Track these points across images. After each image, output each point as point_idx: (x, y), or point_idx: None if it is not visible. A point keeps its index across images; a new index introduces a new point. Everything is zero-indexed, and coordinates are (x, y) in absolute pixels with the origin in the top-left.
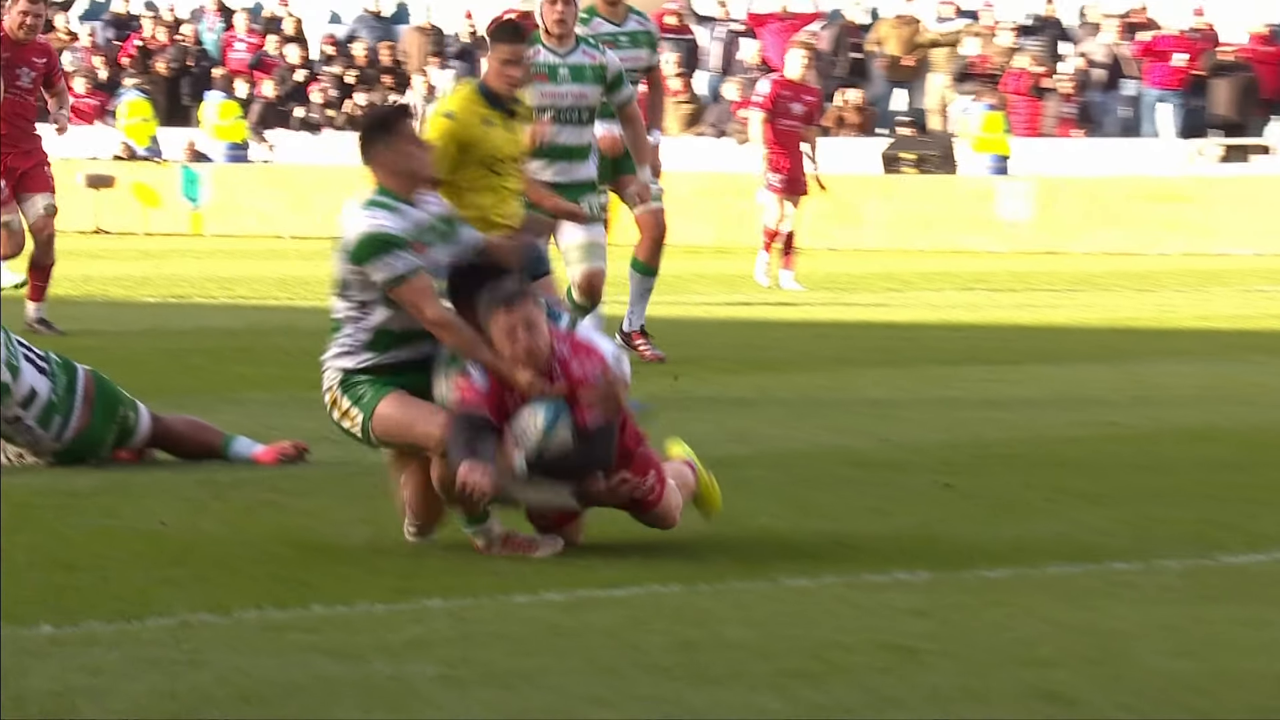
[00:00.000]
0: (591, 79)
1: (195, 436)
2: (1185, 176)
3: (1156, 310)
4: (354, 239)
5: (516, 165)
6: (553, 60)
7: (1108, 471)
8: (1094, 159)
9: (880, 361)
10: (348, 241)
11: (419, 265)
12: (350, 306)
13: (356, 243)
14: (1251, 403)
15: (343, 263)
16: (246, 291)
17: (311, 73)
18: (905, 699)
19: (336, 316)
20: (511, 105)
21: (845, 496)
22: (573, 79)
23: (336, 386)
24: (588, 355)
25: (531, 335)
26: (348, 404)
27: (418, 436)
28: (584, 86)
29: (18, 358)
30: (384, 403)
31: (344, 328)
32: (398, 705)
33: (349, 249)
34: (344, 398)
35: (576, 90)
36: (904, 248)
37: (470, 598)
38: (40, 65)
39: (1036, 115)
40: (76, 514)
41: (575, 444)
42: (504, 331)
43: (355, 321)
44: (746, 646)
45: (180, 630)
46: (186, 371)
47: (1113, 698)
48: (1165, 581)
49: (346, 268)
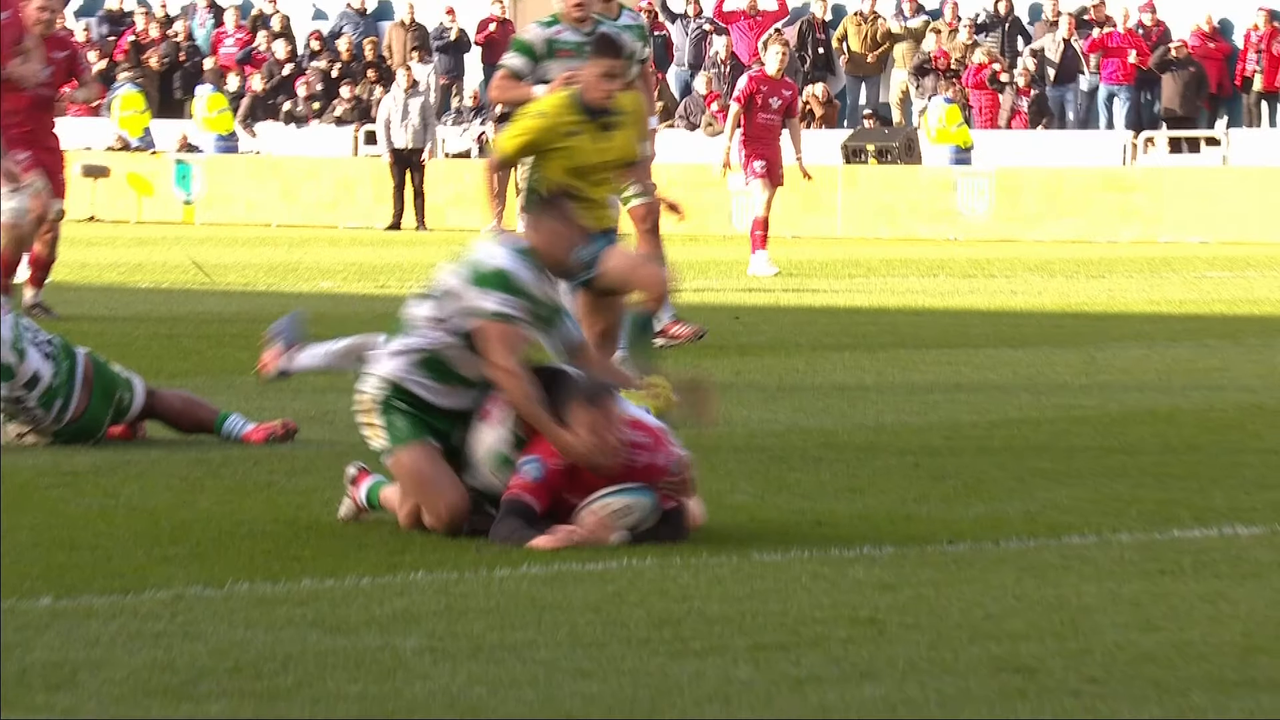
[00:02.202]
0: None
1: (189, 412)
2: (1136, 167)
3: (1109, 296)
4: (485, 265)
5: (606, 174)
6: (577, 39)
7: (1072, 452)
8: (1049, 150)
9: (848, 345)
10: (476, 263)
11: (523, 319)
12: (429, 318)
13: (487, 269)
14: (1205, 385)
15: (458, 278)
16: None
17: (298, 67)
18: (876, 670)
19: (410, 319)
20: (606, 116)
21: (818, 476)
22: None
23: (378, 402)
24: (658, 445)
25: (611, 432)
26: (379, 423)
27: (427, 498)
28: None
29: (24, 341)
30: (416, 450)
31: (410, 335)
32: (386, 676)
33: (475, 270)
34: (379, 415)
35: None
36: (867, 236)
37: (455, 572)
38: (60, 59)
39: (994, 109)
40: (77, 494)
41: (660, 525)
42: (586, 425)
43: (422, 333)
44: (724, 620)
45: (176, 603)
46: (180, 355)
47: (1079, 670)
48: (1120, 555)
49: (458, 284)
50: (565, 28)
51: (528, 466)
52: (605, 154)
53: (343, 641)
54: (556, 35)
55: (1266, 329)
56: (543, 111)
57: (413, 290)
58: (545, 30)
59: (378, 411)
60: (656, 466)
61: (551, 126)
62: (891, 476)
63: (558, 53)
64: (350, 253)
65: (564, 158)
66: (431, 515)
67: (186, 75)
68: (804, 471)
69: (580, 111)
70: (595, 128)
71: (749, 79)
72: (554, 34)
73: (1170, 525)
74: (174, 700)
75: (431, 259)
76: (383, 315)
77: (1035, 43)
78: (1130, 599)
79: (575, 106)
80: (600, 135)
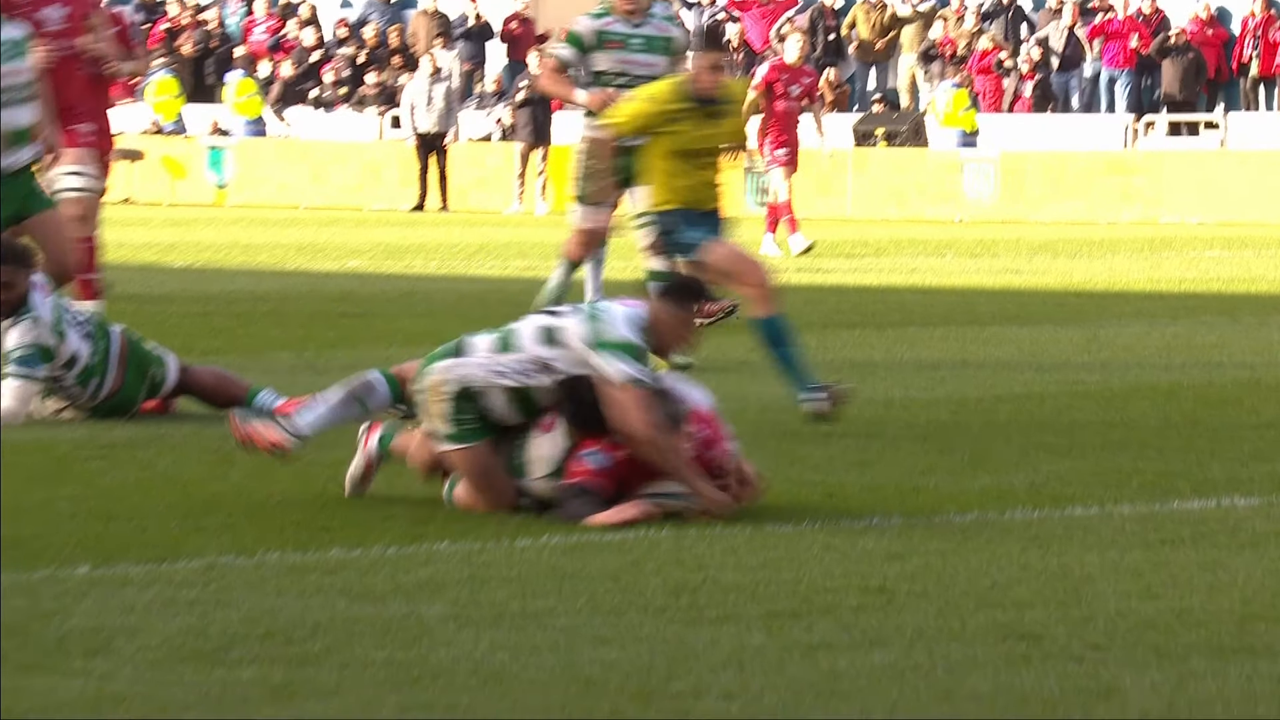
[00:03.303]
0: (661, 50)
1: (221, 388)
2: (1136, 151)
3: (1110, 275)
4: (614, 337)
5: (714, 156)
6: (626, 30)
7: (1075, 426)
8: (1053, 135)
9: (858, 323)
10: (604, 333)
11: (650, 384)
12: (539, 360)
13: (617, 340)
14: (1204, 361)
15: (581, 340)
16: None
17: (326, 54)
18: (885, 637)
19: (519, 343)
20: (712, 104)
21: (828, 449)
22: (644, 49)
23: (453, 395)
24: (716, 439)
25: (744, 493)
26: (447, 411)
27: (485, 493)
28: (654, 57)
29: (64, 323)
30: (483, 449)
31: (513, 363)
32: (412, 642)
33: (602, 339)
34: (451, 404)
35: (646, 60)
36: (876, 217)
37: (478, 542)
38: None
39: (999, 94)
40: (113, 466)
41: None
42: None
43: (526, 370)
44: (738, 589)
45: (209, 572)
46: (212, 332)
47: (1082, 636)
48: (1122, 526)
49: (581, 346)
50: (616, 19)
51: (591, 456)
52: (711, 139)
53: (370, 609)
54: (606, 27)
55: (1263, 307)
56: (653, 96)
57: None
58: (595, 22)
59: (449, 401)
60: (715, 462)
61: (659, 111)
62: (900, 450)
63: (606, 44)
64: (377, 233)
65: (669, 140)
66: (482, 506)
67: (219, 61)
68: (815, 445)
69: (687, 99)
70: (701, 114)
71: (770, 67)
72: (604, 25)
73: (1170, 497)
74: (207, 665)
75: (455, 239)
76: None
77: (1040, 31)
78: (1131, 568)
79: (684, 94)
80: (705, 121)
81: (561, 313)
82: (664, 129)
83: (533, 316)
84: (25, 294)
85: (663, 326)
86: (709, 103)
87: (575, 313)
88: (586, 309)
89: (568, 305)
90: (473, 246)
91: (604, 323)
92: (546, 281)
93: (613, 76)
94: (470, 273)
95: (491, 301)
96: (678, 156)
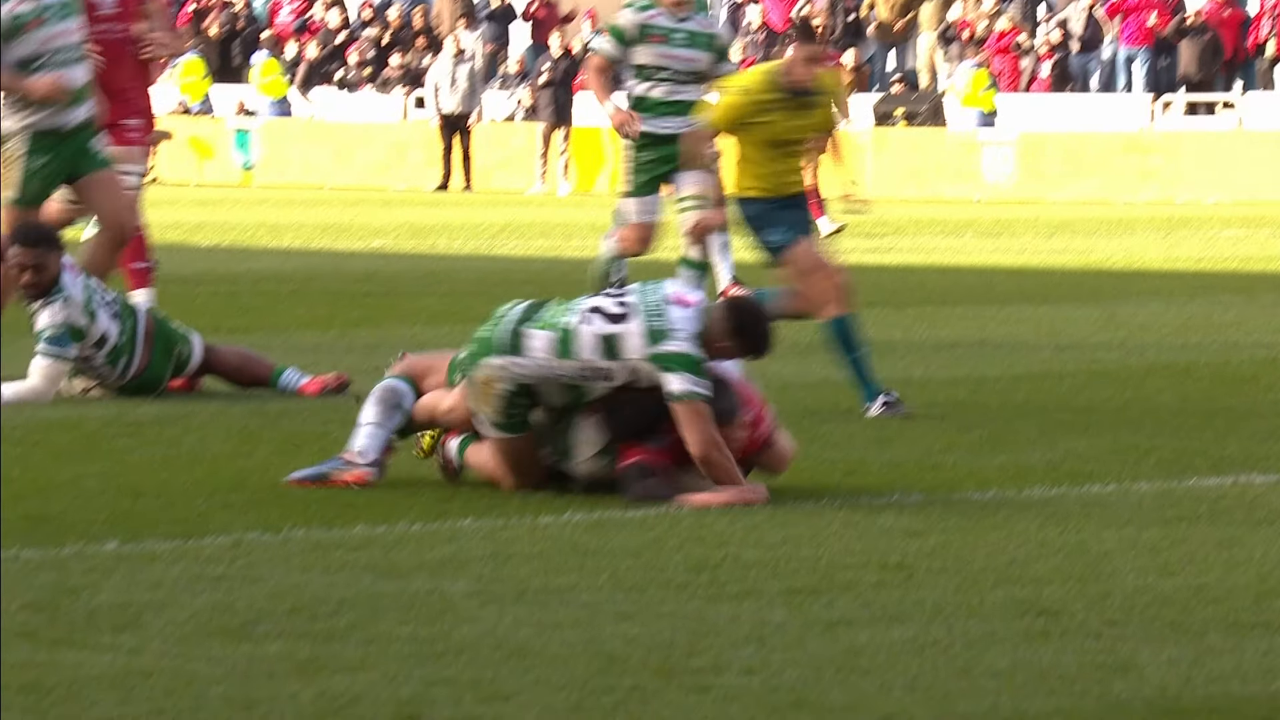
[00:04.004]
0: (704, 46)
1: (246, 367)
2: (1154, 131)
3: (1128, 254)
4: (678, 353)
5: (801, 145)
6: (670, 24)
7: (1092, 404)
8: (1071, 115)
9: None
10: (663, 344)
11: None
12: (597, 369)
13: (683, 356)
14: (1220, 340)
15: (640, 353)
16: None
17: (351, 35)
18: (905, 613)
19: (579, 347)
20: (805, 95)
21: (848, 427)
22: (687, 44)
23: (506, 392)
24: (760, 420)
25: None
26: (500, 405)
27: (518, 477)
28: (697, 52)
29: (94, 303)
30: (528, 439)
31: (573, 365)
32: (436, 618)
33: (666, 352)
34: (504, 399)
35: (688, 54)
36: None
37: (501, 519)
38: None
39: (1016, 75)
40: (141, 443)
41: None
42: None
43: (583, 374)
44: (759, 565)
45: (235, 548)
46: (239, 311)
47: (1100, 613)
48: (1139, 503)
49: (640, 359)
50: (660, 12)
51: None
52: (800, 130)
53: (394, 585)
54: (650, 20)
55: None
56: (746, 88)
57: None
58: (639, 15)
59: (503, 396)
60: (763, 440)
61: (752, 102)
62: (919, 428)
63: (649, 38)
64: (401, 213)
65: (762, 131)
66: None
67: (245, 43)
68: (835, 423)
69: (780, 90)
70: (794, 105)
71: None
72: (647, 19)
73: (1187, 474)
74: (233, 640)
75: (478, 219)
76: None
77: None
78: (1149, 545)
79: (776, 85)
80: (797, 112)
81: (623, 311)
82: (756, 120)
83: (592, 315)
84: (57, 275)
85: (721, 339)
86: (802, 94)
87: (635, 315)
88: (645, 309)
89: (631, 291)
90: (496, 226)
91: (664, 333)
92: (596, 258)
93: (653, 70)
94: (493, 252)
95: (515, 280)
96: (766, 146)
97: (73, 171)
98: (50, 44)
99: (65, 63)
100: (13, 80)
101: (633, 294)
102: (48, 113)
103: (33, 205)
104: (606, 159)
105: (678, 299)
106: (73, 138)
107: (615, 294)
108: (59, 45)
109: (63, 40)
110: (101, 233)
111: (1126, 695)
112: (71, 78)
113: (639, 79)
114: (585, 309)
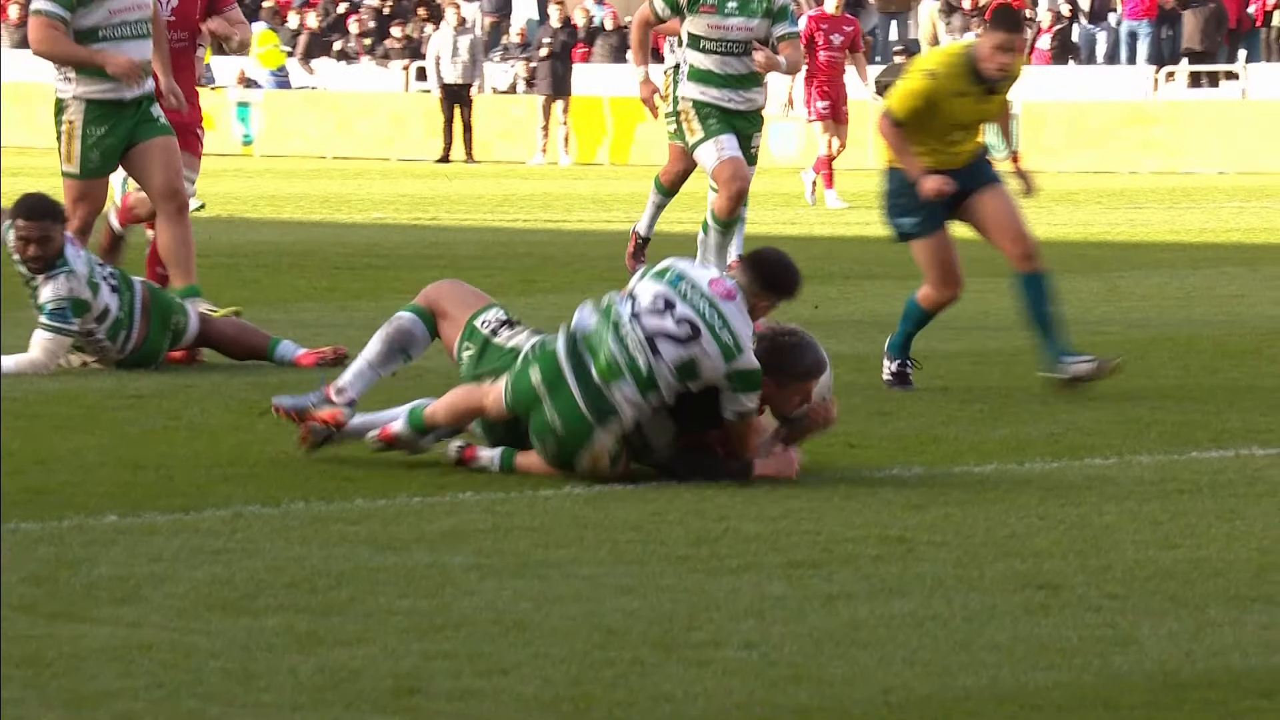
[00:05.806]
0: (759, 13)
1: (242, 339)
2: (1157, 101)
3: (1131, 225)
4: (745, 364)
5: (975, 129)
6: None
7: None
8: (1074, 86)
9: (879, 274)
10: (736, 359)
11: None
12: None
13: (750, 370)
14: (1223, 311)
15: (718, 373)
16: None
17: (351, 6)
18: (905, 586)
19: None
20: (993, 84)
21: (849, 400)
22: (740, 13)
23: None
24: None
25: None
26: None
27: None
28: (750, 20)
29: (97, 277)
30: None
31: (659, 399)
32: (435, 591)
33: (740, 369)
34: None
35: (742, 23)
36: None
37: (501, 492)
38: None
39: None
40: (141, 415)
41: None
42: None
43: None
44: (759, 539)
45: (235, 521)
46: (240, 283)
47: (1100, 586)
48: (1140, 476)
49: (716, 375)
50: None
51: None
52: (983, 114)
53: (394, 558)
54: None
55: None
56: (934, 72)
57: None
58: None
59: (612, 454)
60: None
61: (941, 87)
62: (920, 400)
63: (701, 8)
64: (402, 184)
65: (946, 116)
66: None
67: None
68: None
69: (970, 77)
70: (981, 91)
71: (808, 19)
72: None
73: (1188, 446)
74: (233, 613)
75: (479, 190)
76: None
77: None
78: (1149, 518)
79: (967, 73)
80: (983, 99)
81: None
82: (941, 104)
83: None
84: (60, 248)
85: (755, 305)
86: (992, 83)
87: (700, 330)
88: (705, 321)
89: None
90: (497, 198)
91: (735, 348)
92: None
93: (705, 40)
94: (495, 224)
95: (516, 253)
96: (940, 126)
97: (131, 139)
98: (117, 16)
99: (129, 37)
100: (90, 54)
101: (677, 300)
102: (111, 85)
103: (94, 177)
104: (607, 130)
105: (721, 292)
106: (133, 108)
107: (660, 306)
108: (124, 20)
109: (129, 15)
110: (160, 212)
111: (1127, 668)
112: (143, 54)
113: (691, 48)
114: (641, 337)
